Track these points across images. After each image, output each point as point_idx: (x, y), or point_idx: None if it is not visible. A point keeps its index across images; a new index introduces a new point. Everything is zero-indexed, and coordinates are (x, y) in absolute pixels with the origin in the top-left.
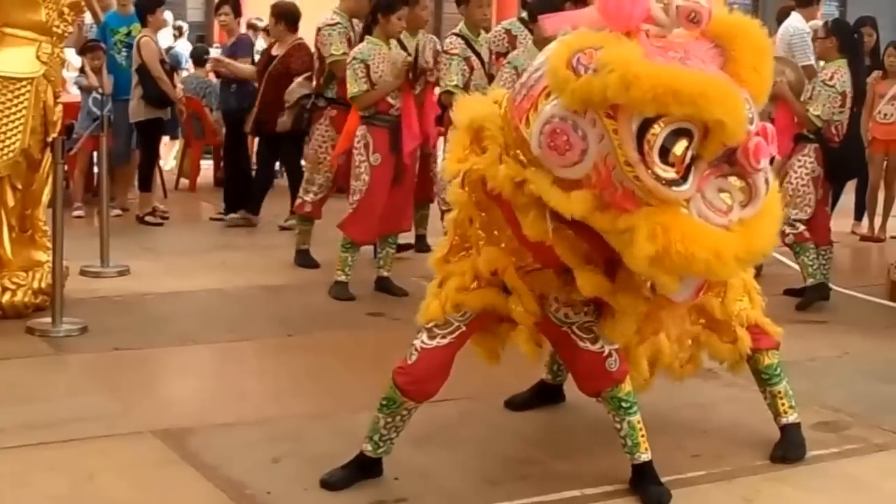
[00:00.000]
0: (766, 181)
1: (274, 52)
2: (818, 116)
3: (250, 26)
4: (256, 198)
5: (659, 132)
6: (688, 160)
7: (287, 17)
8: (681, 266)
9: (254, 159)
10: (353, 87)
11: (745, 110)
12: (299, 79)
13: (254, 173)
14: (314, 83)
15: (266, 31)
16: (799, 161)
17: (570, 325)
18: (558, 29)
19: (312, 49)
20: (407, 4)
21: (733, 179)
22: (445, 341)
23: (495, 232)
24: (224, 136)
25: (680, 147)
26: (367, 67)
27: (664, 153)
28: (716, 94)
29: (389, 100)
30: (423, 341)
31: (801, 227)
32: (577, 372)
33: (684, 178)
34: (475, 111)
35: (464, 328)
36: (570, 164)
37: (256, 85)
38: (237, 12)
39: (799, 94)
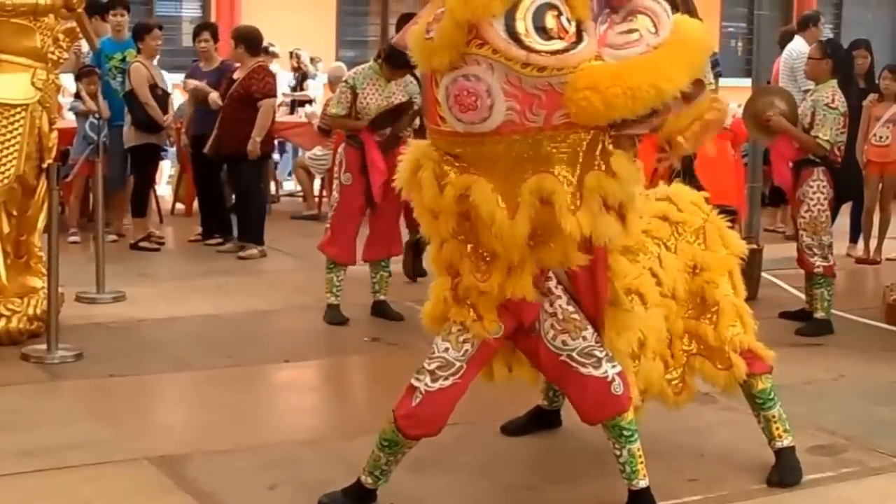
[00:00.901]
0: (665, 9)
1: (235, 75)
2: (827, 141)
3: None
4: (256, 225)
5: (521, 17)
6: (572, 28)
7: (247, 41)
8: (630, 102)
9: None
10: (333, 108)
11: None
12: None
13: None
14: None
15: (275, 54)
16: (812, 187)
17: (570, 352)
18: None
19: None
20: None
21: (633, 19)
22: (448, 383)
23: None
24: (192, 159)
25: (550, 19)
26: (355, 95)
27: (543, 33)
28: None
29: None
30: (426, 384)
31: (832, 260)
32: (582, 400)
33: (578, 41)
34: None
35: (465, 367)
36: (487, 110)
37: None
38: (216, 38)
39: (795, 121)
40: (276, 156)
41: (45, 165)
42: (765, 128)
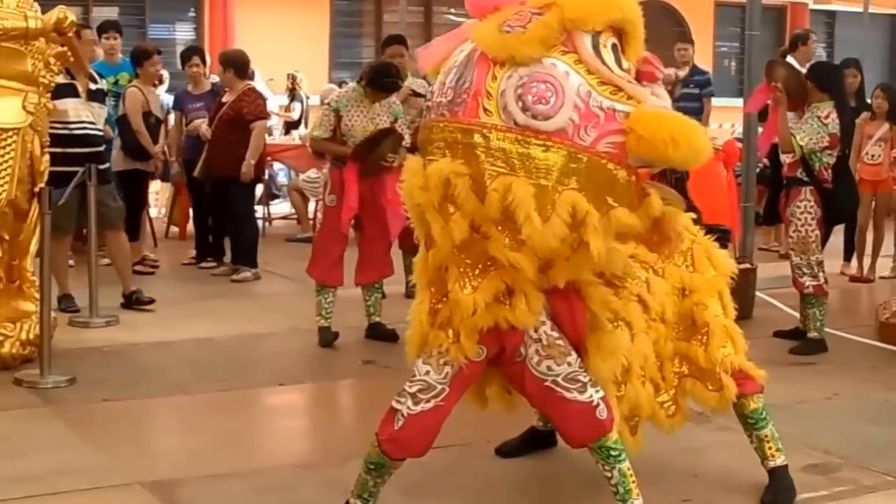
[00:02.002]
0: None
1: (224, 98)
2: (801, 146)
3: None
4: (248, 247)
5: (607, 44)
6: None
7: (235, 65)
8: (688, 153)
9: None
10: (316, 131)
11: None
12: None
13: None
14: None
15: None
16: (799, 207)
17: (555, 377)
18: (435, 56)
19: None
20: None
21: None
22: (430, 406)
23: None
24: (186, 183)
25: (620, 55)
26: (339, 118)
27: (617, 64)
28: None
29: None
30: (408, 407)
31: (822, 279)
32: (567, 425)
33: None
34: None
35: (448, 389)
36: (557, 109)
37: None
38: (204, 62)
39: (798, 93)
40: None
41: (36, 189)
42: (774, 92)
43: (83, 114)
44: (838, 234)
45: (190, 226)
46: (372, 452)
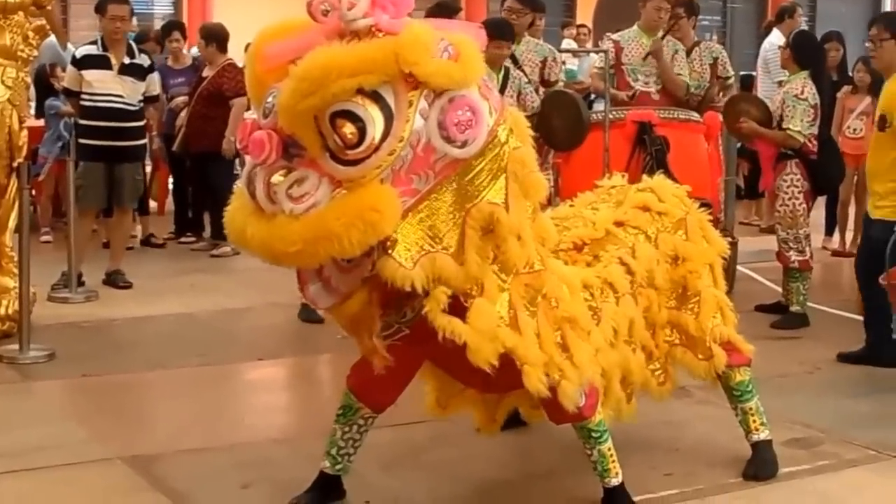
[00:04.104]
0: None
1: (205, 73)
2: (798, 132)
3: None
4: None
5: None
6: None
7: (216, 39)
8: None
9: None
10: None
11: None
12: None
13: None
14: None
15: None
16: (786, 180)
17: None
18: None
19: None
20: None
21: None
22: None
23: None
24: (166, 157)
25: None
26: None
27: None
28: None
29: None
30: None
31: (808, 254)
32: (546, 405)
33: None
34: None
35: (406, 330)
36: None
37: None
38: (185, 36)
39: (769, 123)
40: None
41: (15, 164)
42: (741, 132)
43: (112, 86)
44: (820, 209)
45: (169, 201)
46: (343, 398)
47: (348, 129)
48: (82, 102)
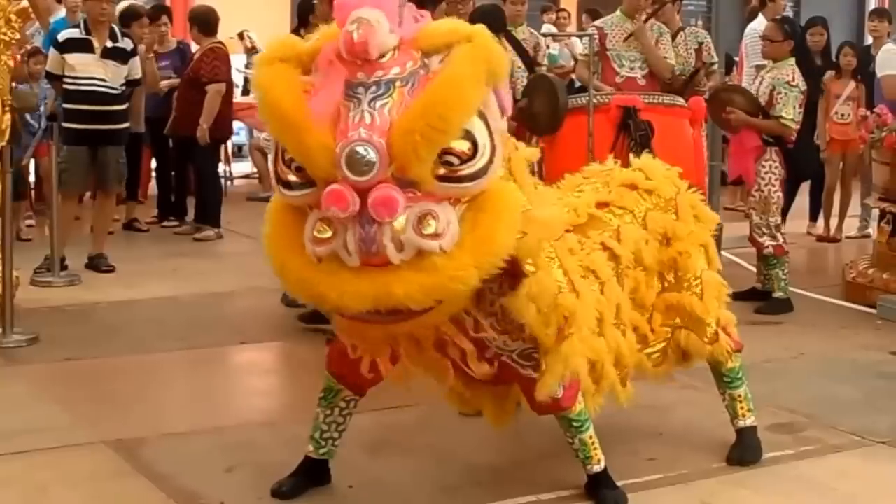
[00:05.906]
0: None
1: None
2: (792, 120)
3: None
4: (211, 207)
5: None
6: None
7: (200, 22)
8: None
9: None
10: None
11: None
12: None
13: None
14: None
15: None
16: (764, 167)
17: (510, 353)
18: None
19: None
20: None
21: None
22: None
23: None
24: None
25: None
26: None
27: None
28: None
29: None
30: None
31: (781, 240)
32: (527, 395)
33: None
34: None
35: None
36: None
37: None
38: (171, 20)
39: (756, 113)
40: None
41: None
42: (727, 123)
43: (94, 70)
44: (804, 194)
45: (152, 184)
46: (324, 380)
47: (461, 145)
48: (65, 86)
